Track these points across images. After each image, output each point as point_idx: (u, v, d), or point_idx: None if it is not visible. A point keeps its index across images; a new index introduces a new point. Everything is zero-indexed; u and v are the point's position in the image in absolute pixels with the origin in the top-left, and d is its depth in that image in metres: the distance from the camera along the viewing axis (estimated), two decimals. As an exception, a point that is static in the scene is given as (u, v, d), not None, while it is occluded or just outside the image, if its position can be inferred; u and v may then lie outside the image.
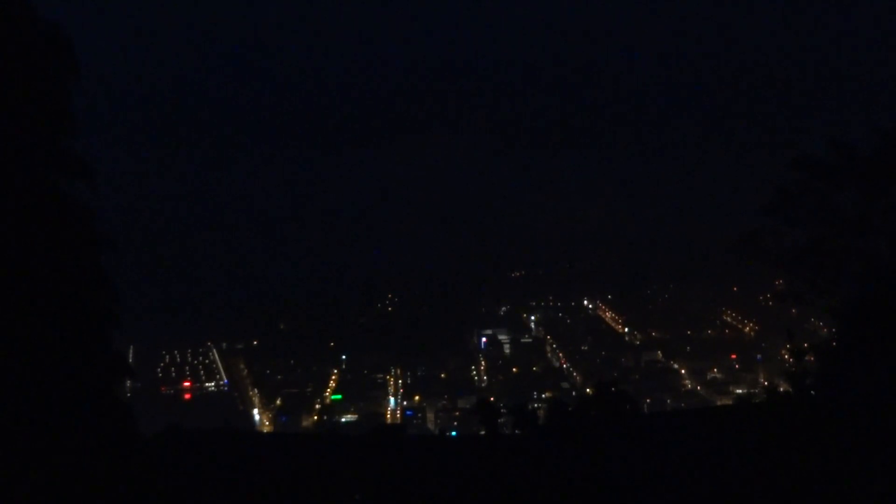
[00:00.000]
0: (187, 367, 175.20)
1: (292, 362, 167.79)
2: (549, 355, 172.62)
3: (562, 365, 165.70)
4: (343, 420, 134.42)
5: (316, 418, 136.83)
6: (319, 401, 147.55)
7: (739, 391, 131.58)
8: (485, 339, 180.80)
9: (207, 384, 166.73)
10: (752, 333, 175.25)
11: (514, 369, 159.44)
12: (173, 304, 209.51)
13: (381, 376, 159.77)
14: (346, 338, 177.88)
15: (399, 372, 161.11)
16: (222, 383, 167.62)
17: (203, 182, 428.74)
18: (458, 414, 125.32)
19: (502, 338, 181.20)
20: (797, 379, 20.06)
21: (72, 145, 16.27)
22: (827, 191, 21.32)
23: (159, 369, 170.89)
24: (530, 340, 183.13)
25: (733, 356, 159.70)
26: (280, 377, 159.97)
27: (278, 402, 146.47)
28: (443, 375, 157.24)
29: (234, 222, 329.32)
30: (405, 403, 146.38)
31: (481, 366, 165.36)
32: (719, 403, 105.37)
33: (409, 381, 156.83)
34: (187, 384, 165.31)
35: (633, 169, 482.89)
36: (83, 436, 15.40)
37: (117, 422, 16.46)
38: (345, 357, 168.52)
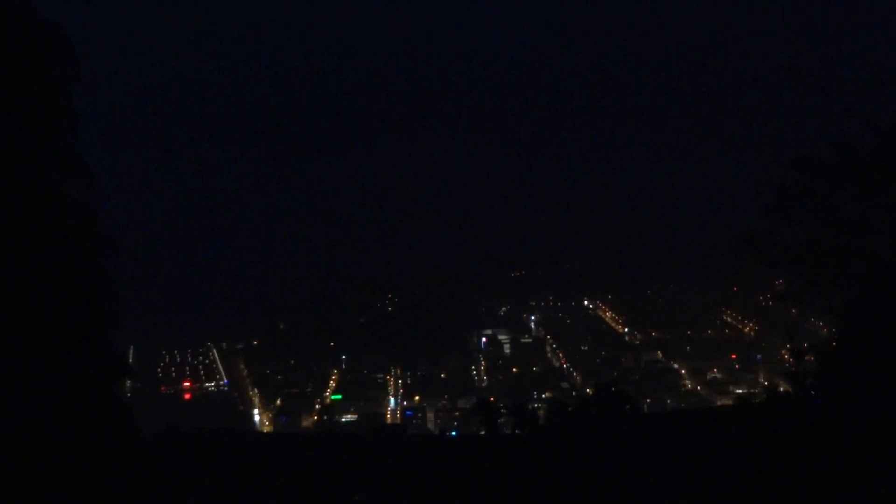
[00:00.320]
0: (187, 367, 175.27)
1: (292, 362, 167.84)
2: (549, 355, 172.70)
3: (562, 365, 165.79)
4: (343, 420, 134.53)
5: (316, 418, 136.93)
6: (319, 401, 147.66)
7: (739, 391, 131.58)
8: (485, 339, 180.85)
9: (207, 384, 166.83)
10: (752, 333, 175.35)
11: (514, 369, 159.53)
12: (173, 304, 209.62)
13: (381, 376, 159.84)
14: (346, 338, 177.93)
15: (399, 372, 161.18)
16: (222, 383, 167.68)
17: (203, 182, 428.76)
18: (458, 414, 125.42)
19: (502, 338, 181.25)
20: (797, 379, 20.05)
21: (72, 145, 16.28)
22: (827, 191, 21.32)
23: (159, 369, 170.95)
24: (530, 340, 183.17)
25: (733, 356, 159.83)
26: (280, 377, 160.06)
27: (278, 402, 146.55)
28: (443, 375, 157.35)
29: (234, 222, 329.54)
30: (405, 403, 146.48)
31: (481, 366, 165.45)
32: (719, 403, 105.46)
33: (409, 381, 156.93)
34: (187, 384, 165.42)
35: (634, 169, 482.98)
36: (83, 436, 15.40)
37: (117, 422, 16.46)
38: (345, 357, 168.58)
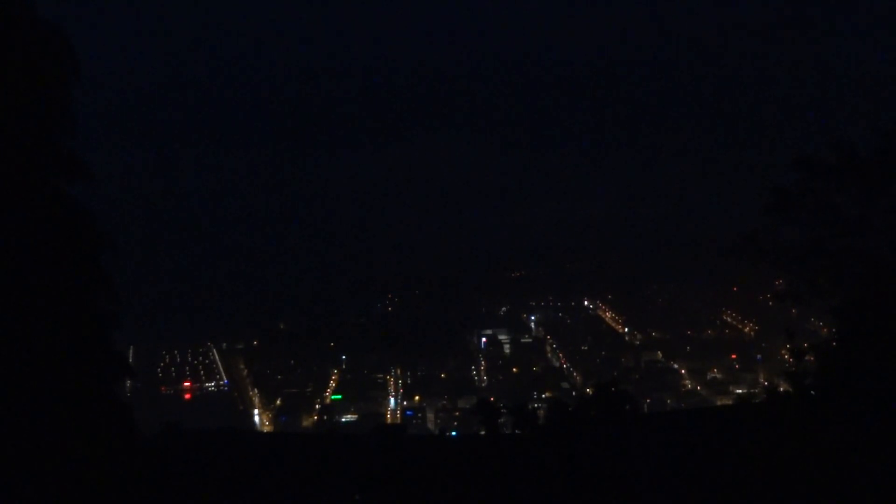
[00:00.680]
0: (187, 367, 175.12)
1: (292, 362, 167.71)
2: (549, 355, 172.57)
3: (562, 365, 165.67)
4: (343, 420, 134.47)
5: (316, 418, 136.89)
6: (319, 401, 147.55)
7: (739, 391, 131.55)
8: (485, 339, 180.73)
9: (207, 384, 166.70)
10: (752, 333, 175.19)
11: (514, 369, 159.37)
12: (173, 304, 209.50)
13: (381, 376, 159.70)
14: (346, 338, 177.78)
15: (399, 372, 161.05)
16: (222, 383, 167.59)
17: (203, 182, 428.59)
18: (458, 414, 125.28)
19: (502, 338, 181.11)
20: (797, 379, 20.04)
21: (72, 145, 16.27)
22: (827, 191, 21.31)
23: (159, 369, 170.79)
24: (530, 340, 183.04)
25: (733, 356, 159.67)
26: (280, 377, 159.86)
27: (278, 402, 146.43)
28: (443, 375, 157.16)
29: (234, 222, 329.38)
30: (405, 403, 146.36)
31: (481, 366, 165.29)
32: (719, 403, 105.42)
33: (409, 381, 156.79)
34: (187, 384, 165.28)
35: (634, 169, 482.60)
36: (83, 436, 15.40)
37: (117, 422, 16.47)
38: (345, 357, 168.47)
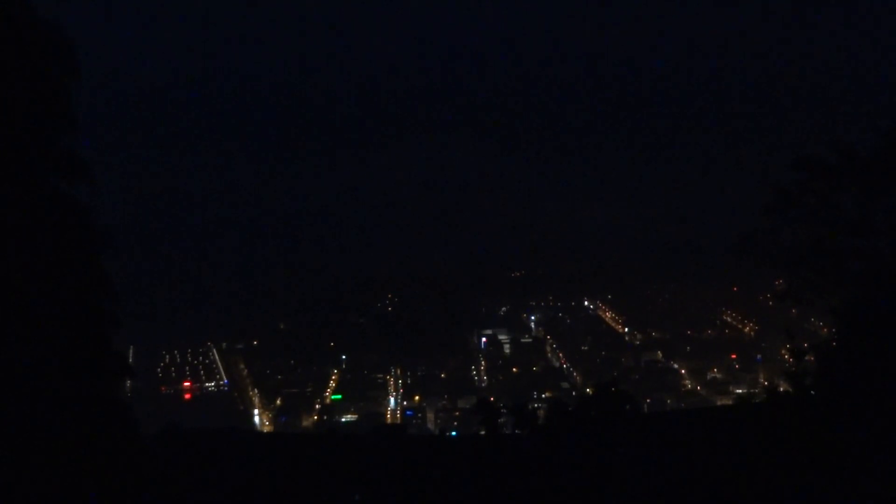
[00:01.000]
0: (187, 367, 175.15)
1: (292, 362, 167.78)
2: (549, 355, 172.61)
3: (562, 365, 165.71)
4: (343, 420, 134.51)
5: (316, 418, 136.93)
6: (319, 401, 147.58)
7: (739, 391, 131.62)
8: (485, 339, 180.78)
9: (207, 384, 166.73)
10: (752, 333, 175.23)
11: (514, 369, 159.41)
12: (173, 304, 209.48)
13: (381, 376, 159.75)
14: (346, 338, 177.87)
15: (399, 372, 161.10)
16: (222, 383, 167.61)
17: (203, 182, 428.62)
18: (458, 414, 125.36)
19: (502, 338, 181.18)
20: (797, 379, 20.04)
21: (72, 145, 16.26)
22: (827, 191, 21.32)
23: (159, 369, 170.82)
24: (530, 340, 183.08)
25: (733, 356, 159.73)
26: (280, 377, 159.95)
27: (278, 402, 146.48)
28: (443, 375, 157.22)
29: (234, 222, 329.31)
30: (405, 403, 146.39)
31: (481, 366, 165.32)
32: (719, 403, 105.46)
33: (409, 381, 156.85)
34: (187, 384, 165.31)
35: (633, 169, 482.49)
36: (83, 436, 15.40)
37: (117, 422, 16.46)
38: (345, 357, 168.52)
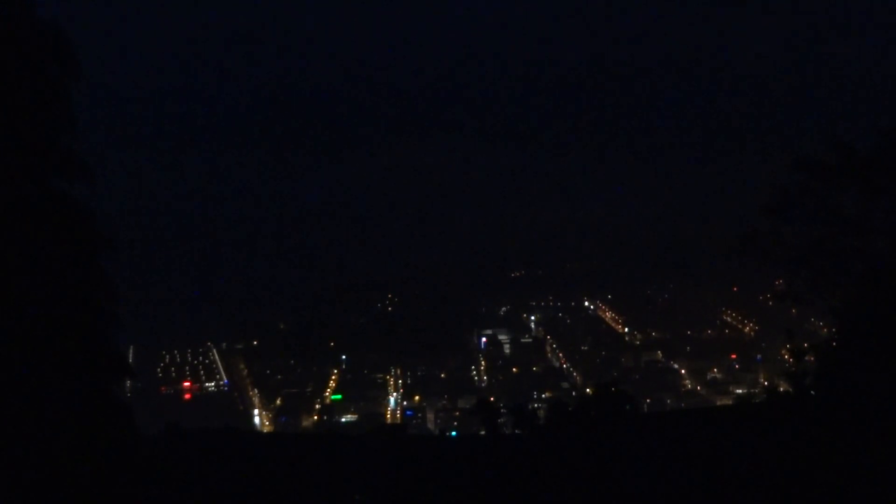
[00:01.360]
0: (187, 367, 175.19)
1: (292, 362, 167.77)
2: (549, 355, 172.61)
3: (562, 365, 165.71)
4: (343, 420, 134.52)
5: (316, 418, 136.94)
6: (319, 401, 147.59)
7: (739, 391, 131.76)
8: (485, 339, 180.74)
9: (207, 384, 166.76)
10: (752, 333, 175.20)
11: (514, 369, 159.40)
12: (173, 304, 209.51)
13: (381, 376, 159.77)
14: (346, 338, 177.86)
15: (399, 372, 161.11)
16: (222, 383, 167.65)
17: (203, 182, 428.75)
18: (458, 414, 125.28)
19: (502, 338, 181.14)
20: (797, 379, 20.06)
21: (72, 145, 16.26)
22: (827, 191, 21.31)
23: (159, 369, 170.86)
24: (530, 340, 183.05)
25: (733, 356, 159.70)
26: (280, 377, 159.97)
27: (278, 402, 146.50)
28: (443, 375, 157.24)
29: (234, 222, 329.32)
30: (405, 403, 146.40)
31: (481, 366, 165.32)
32: (719, 403, 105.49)
33: (409, 381, 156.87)
34: (187, 384, 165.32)
35: (633, 169, 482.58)
36: (83, 436, 15.40)
37: (117, 422, 16.46)
38: (345, 357, 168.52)
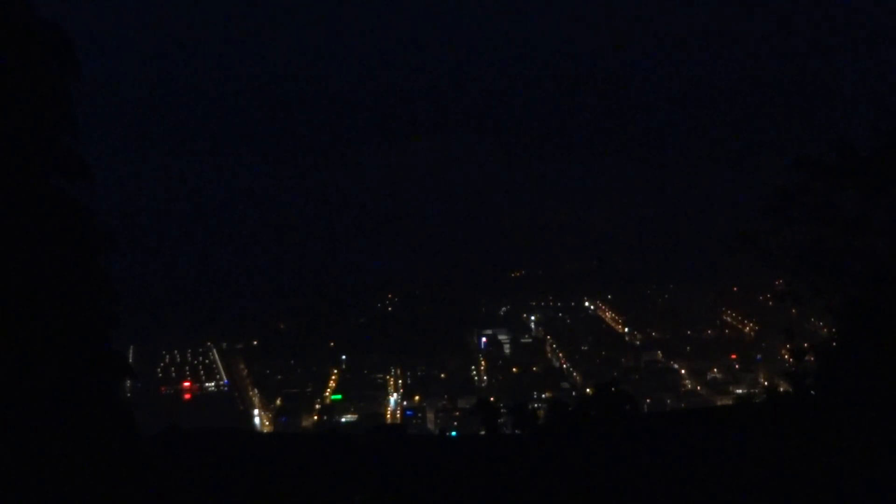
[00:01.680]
0: (187, 367, 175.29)
1: (292, 362, 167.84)
2: (549, 355, 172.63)
3: (562, 365, 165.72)
4: (343, 420, 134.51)
5: (316, 418, 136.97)
6: (319, 401, 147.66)
7: (739, 391, 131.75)
8: (485, 339, 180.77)
9: (207, 384, 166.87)
10: (752, 333, 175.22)
11: (514, 369, 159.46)
12: (173, 304, 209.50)
13: (381, 376, 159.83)
14: (346, 338, 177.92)
15: (399, 372, 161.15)
16: (222, 383, 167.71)
17: (203, 182, 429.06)
18: (458, 414, 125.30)
19: (502, 338, 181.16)
20: (797, 379, 20.06)
21: (72, 145, 16.26)
22: (827, 191, 21.30)
23: (159, 369, 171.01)
24: (530, 340, 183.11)
25: (733, 356, 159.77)
26: (280, 377, 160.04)
27: (278, 402, 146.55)
28: (443, 375, 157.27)
29: (234, 222, 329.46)
30: (405, 403, 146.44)
31: (481, 366, 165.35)
32: (719, 403, 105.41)
33: (409, 381, 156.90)
34: (187, 384, 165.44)
35: (633, 169, 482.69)
36: (83, 436, 15.40)
37: (117, 422, 16.46)
38: (345, 357, 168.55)
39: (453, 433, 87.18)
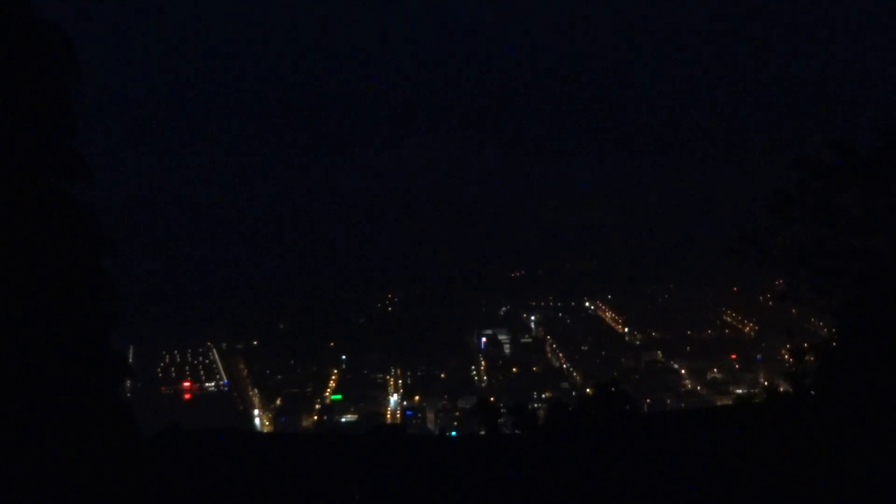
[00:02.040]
0: (187, 367, 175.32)
1: (292, 362, 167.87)
2: (549, 355, 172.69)
3: (562, 365, 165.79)
4: (343, 420, 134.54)
5: (316, 418, 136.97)
6: (319, 401, 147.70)
7: (739, 391, 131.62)
8: (485, 339, 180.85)
9: (207, 384, 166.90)
10: (752, 333, 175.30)
11: (514, 369, 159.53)
12: (173, 304, 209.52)
13: (381, 376, 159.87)
14: (346, 338, 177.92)
15: (399, 372, 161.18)
16: (222, 383, 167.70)
17: (203, 182, 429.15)
18: (458, 414, 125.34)
19: (502, 338, 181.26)
20: (797, 379, 20.04)
21: (72, 145, 16.26)
22: (827, 191, 21.28)
23: (159, 369, 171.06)
24: (530, 340, 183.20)
25: (733, 356, 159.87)
26: (280, 377, 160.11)
27: (278, 402, 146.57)
28: (443, 375, 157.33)
29: (234, 222, 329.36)
30: (405, 403, 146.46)
31: (481, 366, 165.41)
32: (719, 403, 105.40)
33: (409, 381, 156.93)
34: (187, 384, 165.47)
35: (634, 169, 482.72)
36: (83, 436, 15.40)
37: (117, 422, 16.45)
38: (345, 357, 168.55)
39: (453, 433, 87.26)
